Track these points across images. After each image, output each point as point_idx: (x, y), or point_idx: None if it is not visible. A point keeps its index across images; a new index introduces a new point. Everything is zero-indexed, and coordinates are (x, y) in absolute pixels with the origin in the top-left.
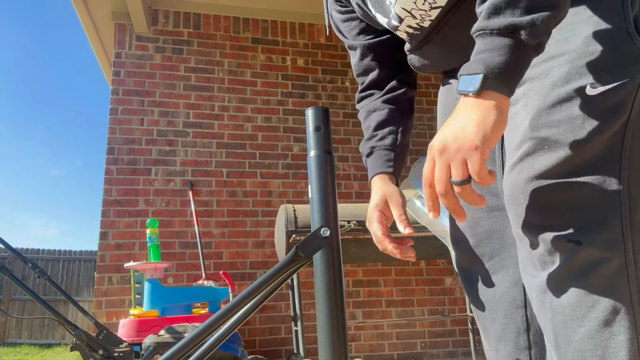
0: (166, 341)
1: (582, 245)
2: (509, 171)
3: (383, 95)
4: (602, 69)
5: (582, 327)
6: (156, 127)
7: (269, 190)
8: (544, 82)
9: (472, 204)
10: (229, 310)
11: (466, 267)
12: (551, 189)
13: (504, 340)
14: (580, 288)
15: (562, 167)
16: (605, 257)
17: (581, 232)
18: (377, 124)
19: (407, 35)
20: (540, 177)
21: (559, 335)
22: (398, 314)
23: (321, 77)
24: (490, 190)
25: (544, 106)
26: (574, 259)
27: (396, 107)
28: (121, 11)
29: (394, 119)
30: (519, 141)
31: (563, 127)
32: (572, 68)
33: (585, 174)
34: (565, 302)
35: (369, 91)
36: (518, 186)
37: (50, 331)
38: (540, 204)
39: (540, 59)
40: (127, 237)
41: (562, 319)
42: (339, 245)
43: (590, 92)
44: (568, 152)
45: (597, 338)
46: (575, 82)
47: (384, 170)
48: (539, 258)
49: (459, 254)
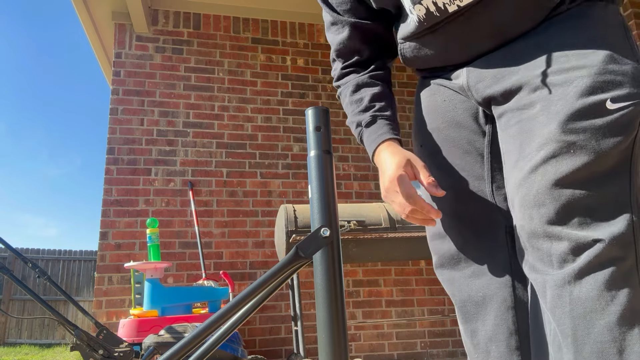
0: (166, 341)
1: (605, 243)
2: (530, 172)
3: (370, 72)
4: (619, 86)
5: (602, 320)
6: (156, 127)
7: (269, 190)
8: (568, 90)
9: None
10: (229, 310)
11: (450, 271)
12: (575, 191)
13: (496, 342)
14: (601, 283)
15: (585, 171)
16: (622, 256)
17: (604, 232)
18: (372, 96)
19: (425, 13)
20: (566, 179)
21: (578, 327)
22: (398, 314)
23: (321, 77)
24: (478, 193)
25: (571, 112)
26: (597, 256)
27: (385, 85)
28: (121, 11)
29: (387, 96)
30: (540, 143)
31: (588, 135)
32: (595, 82)
33: (604, 180)
34: (586, 295)
35: (355, 68)
36: (543, 187)
37: (50, 331)
38: (565, 205)
39: (561, 67)
40: (127, 237)
41: (582, 311)
42: (339, 245)
43: (610, 106)
44: (592, 158)
45: (616, 330)
46: (597, 94)
47: (393, 136)
48: (559, 255)
49: (442, 257)
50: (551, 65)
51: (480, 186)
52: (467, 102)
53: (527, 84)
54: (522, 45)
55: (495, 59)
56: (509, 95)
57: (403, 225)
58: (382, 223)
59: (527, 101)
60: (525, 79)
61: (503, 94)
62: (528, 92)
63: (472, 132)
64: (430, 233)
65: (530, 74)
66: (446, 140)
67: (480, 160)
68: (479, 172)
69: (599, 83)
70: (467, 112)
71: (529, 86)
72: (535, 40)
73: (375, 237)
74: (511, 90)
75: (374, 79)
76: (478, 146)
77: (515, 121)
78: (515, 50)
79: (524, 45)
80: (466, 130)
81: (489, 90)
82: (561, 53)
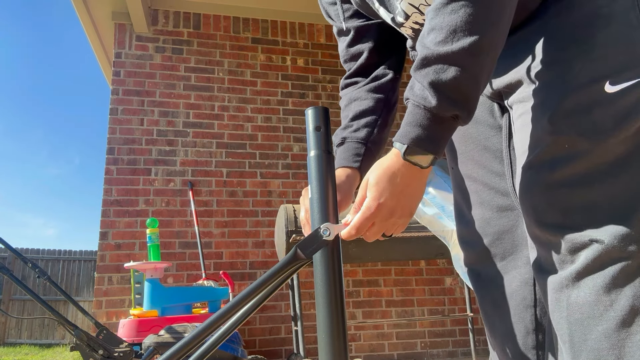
0: (166, 341)
1: (605, 244)
2: (526, 169)
3: (368, 84)
4: (621, 66)
5: (599, 326)
6: (156, 127)
7: (269, 190)
8: (561, 81)
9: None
10: (229, 310)
11: (476, 267)
12: (571, 188)
13: (512, 339)
14: (599, 287)
15: (582, 166)
16: (625, 257)
17: (603, 231)
18: (355, 114)
19: (412, 31)
20: (561, 176)
21: (574, 333)
22: (398, 314)
23: (321, 77)
24: (499, 190)
25: (562, 105)
26: (595, 258)
27: (380, 97)
28: (121, 11)
29: (375, 110)
30: (535, 140)
31: (582, 127)
32: (591, 66)
33: (606, 174)
34: (583, 300)
35: (355, 79)
36: (537, 185)
37: (50, 331)
38: (561, 203)
39: (556, 58)
40: (127, 237)
41: (579, 317)
42: (339, 245)
43: (610, 89)
44: (588, 151)
45: (614, 337)
46: (594, 80)
47: (349, 164)
48: (559, 257)
49: (469, 254)
50: (545, 55)
51: (500, 183)
52: (481, 97)
53: (525, 77)
54: (519, 37)
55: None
56: (513, 88)
57: None
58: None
59: (526, 94)
60: (522, 71)
61: (507, 86)
62: (526, 85)
63: (488, 127)
64: (459, 232)
65: (526, 66)
66: (464, 137)
67: (500, 155)
68: (497, 168)
69: (596, 67)
70: (482, 106)
71: (526, 79)
72: (531, 30)
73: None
74: (512, 84)
75: (371, 90)
76: (495, 141)
77: (518, 114)
78: (513, 42)
79: (520, 36)
80: (483, 126)
81: (494, 85)
82: (556, 41)
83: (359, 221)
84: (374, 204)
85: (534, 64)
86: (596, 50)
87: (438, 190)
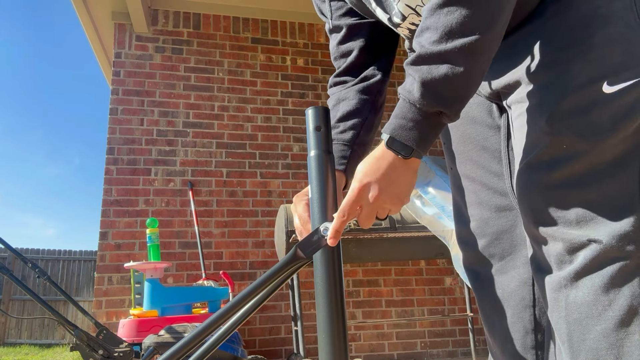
0: (166, 341)
1: (603, 244)
2: (524, 170)
3: (357, 84)
4: (619, 67)
5: (598, 326)
6: (156, 127)
7: (269, 190)
8: (559, 82)
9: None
10: (229, 310)
11: (475, 267)
12: (570, 189)
13: (511, 339)
14: (598, 287)
15: (580, 167)
16: (623, 257)
17: (601, 231)
18: (342, 115)
19: (409, 32)
20: (559, 177)
21: (573, 333)
22: (398, 314)
23: (321, 77)
24: (498, 190)
25: (560, 106)
26: (594, 258)
27: (367, 99)
28: (121, 11)
29: (362, 111)
30: (533, 140)
31: (581, 127)
32: (589, 67)
33: (604, 174)
34: (582, 300)
35: (343, 77)
36: (535, 186)
37: (50, 331)
38: (559, 203)
39: (554, 59)
40: (127, 237)
41: (578, 316)
42: (339, 245)
43: (608, 89)
44: (586, 151)
45: (612, 337)
46: (592, 80)
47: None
48: (557, 257)
49: (468, 254)
50: (543, 56)
51: (499, 183)
52: (479, 98)
53: (523, 77)
54: (516, 38)
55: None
56: (512, 88)
57: (403, 225)
58: (382, 223)
59: (525, 94)
60: (520, 72)
61: (506, 87)
62: (525, 86)
63: (487, 127)
64: (458, 232)
65: (524, 66)
66: (463, 137)
67: (498, 156)
68: (496, 168)
69: (594, 67)
70: (481, 106)
71: (525, 79)
72: (529, 30)
73: (375, 237)
74: (510, 85)
75: (359, 91)
76: (494, 142)
77: (516, 115)
78: (511, 43)
79: (518, 37)
80: (481, 126)
81: (493, 86)
82: (554, 42)
83: (346, 204)
84: (358, 186)
85: (532, 65)
86: (594, 50)
87: (438, 190)
